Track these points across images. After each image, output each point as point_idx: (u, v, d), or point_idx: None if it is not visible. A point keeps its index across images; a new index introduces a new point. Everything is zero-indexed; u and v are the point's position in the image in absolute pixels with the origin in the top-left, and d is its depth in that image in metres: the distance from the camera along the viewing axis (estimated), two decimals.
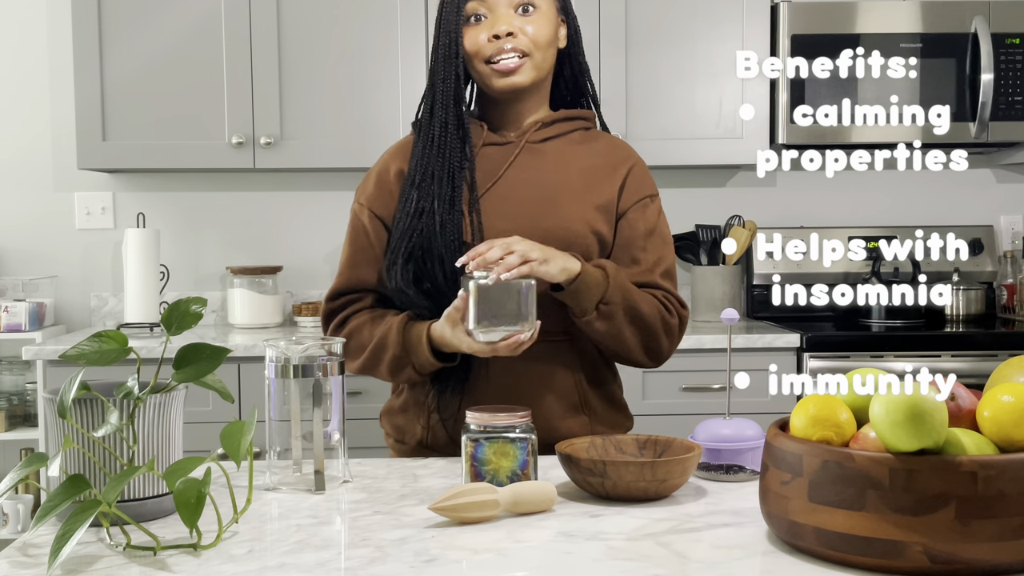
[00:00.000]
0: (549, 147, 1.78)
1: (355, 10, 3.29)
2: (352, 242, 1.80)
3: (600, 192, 1.76)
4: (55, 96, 3.61)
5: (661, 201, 1.82)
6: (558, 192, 1.74)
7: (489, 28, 1.71)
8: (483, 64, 1.72)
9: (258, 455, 1.28)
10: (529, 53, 1.72)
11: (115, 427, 1.22)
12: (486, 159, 1.76)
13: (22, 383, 3.44)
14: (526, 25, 1.72)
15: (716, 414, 1.57)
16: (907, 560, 1.05)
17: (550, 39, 1.75)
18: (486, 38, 1.71)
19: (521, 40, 1.71)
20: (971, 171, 3.74)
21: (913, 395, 1.06)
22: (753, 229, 3.55)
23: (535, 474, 1.41)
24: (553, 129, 1.79)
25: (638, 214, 1.77)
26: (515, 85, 1.73)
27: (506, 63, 1.71)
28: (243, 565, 1.14)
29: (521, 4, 1.72)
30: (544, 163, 1.76)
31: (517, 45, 1.71)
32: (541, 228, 1.69)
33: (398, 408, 1.82)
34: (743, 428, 1.51)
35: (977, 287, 3.49)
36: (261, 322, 3.49)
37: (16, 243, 3.65)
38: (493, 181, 1.74)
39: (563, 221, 1.71)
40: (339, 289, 1.78)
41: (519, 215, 1.71)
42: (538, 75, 1.75)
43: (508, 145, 1.77)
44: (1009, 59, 3.28)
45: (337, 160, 3.30)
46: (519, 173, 1.75)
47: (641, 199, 1.78)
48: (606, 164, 1.78)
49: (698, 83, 3.35)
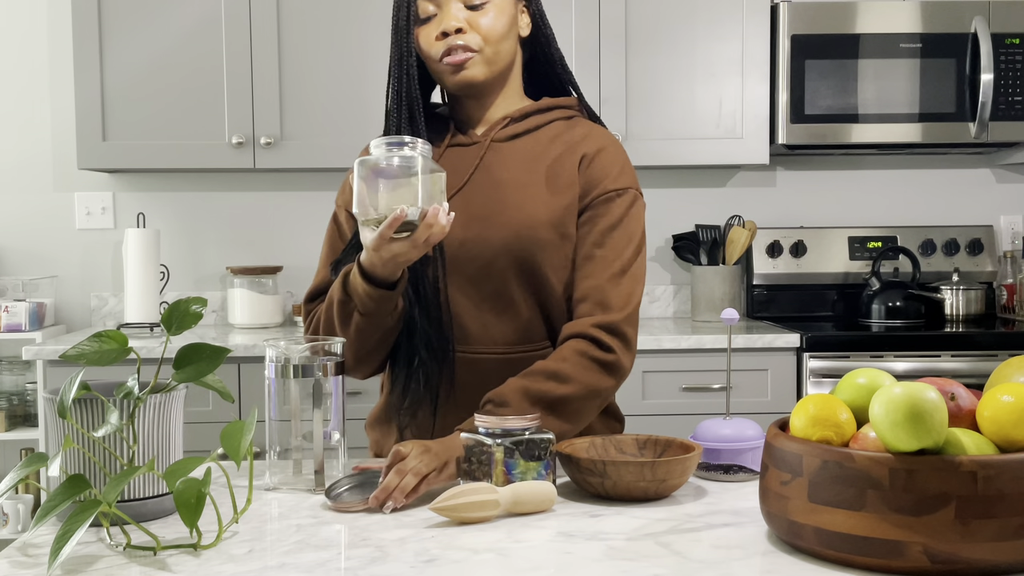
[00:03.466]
0: (518, 145, 1.70)
1: (355, 10, 3.29)
2: (328, 242, 1.76)
3: (569, 190, 1.67)
4: (55, 96, 3.61)
5: (642, 199, 1.71)
6: (525, 194, 1.66)
7: (438, 25, 1.66)
8: (437, 63, 1.67)
9: (258, 455, 1.28)
10: (479, 49, 1.66)
11: (115, 427, 1.22)
12: (453, 160, 1.70)
13: (22, 383, 3.45)
14: (478, 19, 1.66)
15: (716, 414, 1.57)
16: (907, 560, 1.05)
17: (503, 31, 1.67)
18: (435, 36, 1.66)
19: (470, 37, 1.65)
20: (971, 171, 3.75)
21: (913, 395, 1.06)
22: (753, 229, 3.55)
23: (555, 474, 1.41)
24: (525, 124, 1.72)
25: (600, 208, 1.66)
26: (467, 80, 1.67)
27: (455, 57, 1.65)
28: (243, 565, 1.14)
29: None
30: (512, 163, 1.69)
31: (466, 42, 1.65)
32: (506, 232, 1.64)
33: (375, 420, 1.79)
34: (743, 428, 1.51)
35: (977, 287, 3.49)
36: (261, 322, 3.49)
37: (16, 243, 3.65)
38: (460, 186, 1.68)
39: (527, 227, 1.64)
40: (314, 290, 1.73)
41: (483, 219, 1.65)
42: (492, 70, 1.68)
43: (474, 146, 1.71)
44: (1009, 59, 3.28)
45: (337, 160, 3.30)
46: (485, 175, 1.69)
47: (605, 192, 1.67)
48: (573, 155, 1.69)
49: (698, 83, 3.35)
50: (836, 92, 3.30)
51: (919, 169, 3.74)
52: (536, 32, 1.74)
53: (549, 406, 1.55)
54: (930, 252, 3.61)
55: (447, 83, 1.70)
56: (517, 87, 1.75)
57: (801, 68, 3.29)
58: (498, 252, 1.64)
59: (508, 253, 1.64)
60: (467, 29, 1.65)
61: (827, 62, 3.29)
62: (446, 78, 1.69)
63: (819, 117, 3.31)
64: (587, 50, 3.29)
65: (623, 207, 1.67)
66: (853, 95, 3.30)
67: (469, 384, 1.66)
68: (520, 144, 1.71)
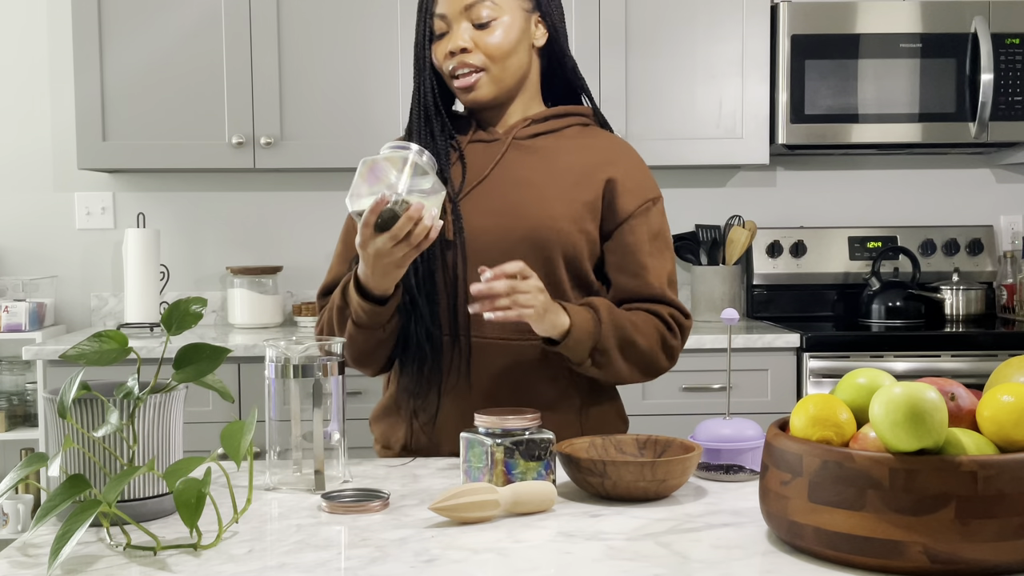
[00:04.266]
0: (539, 143, 1.76)
1: (355, 10, 3.29)
2: (343, 239, 1.80)
3: (589, 189, 1.73)
4: (55, 96, 3.61)
5: (664, 203, 1.80)
6: (545, 189, 1.71)
7: (447, 44, 1.71)
8: (451, 80, 1.74)
9: (258, 455, 1.29)
10: (485, 68, 1.71)
11: (115, 427, 1.22)
12: (474, 156, 1.76)
13: (22, 383, 3.44)
14: (485, 37, 1.70)
15: (716, 414, 1.57)
16: (907, 560, 1.05)
17: (511, 47, 1.71)
18: (445, 55, 1.72)
19: (475, 56, 1.70)
20: (971, 171, 3.75)
21: (913, 395, 1.06)
22: (753, 229, 3.55)
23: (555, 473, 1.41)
24: (545, 125, 1.77)
25: (641, 219, 1.73)
26: (476, 100, 1.73)
27: (463, 80, 1.71)
28: (243, 565, 1.14)
29: (477, 16, 1.70)
30: (532, 160, 1.74)
31: (471, 61, 1.70)
32: (526, 224, 1.68)
33: (382, 413, 1.81)
34: (743, 428, 1.51)
35: (977, 287, 3.49)
36: (261, 322, 3.49)
37: (16, 243, 3.65)
38: (480, 179, 1.73)
39: (548, 219, 1.69)
40: (326, 286, 1.79)
41: (504, 212, 1.70)
42: (500, 87, 1.73)
43: (495, 142, 1.76)
44: (1009, 59, 3.28)
45: (337, 160, 3.30)
46: (506, 171, 1.74)
47: (643, 203, 1.74)
48: (600, 162, 1.75)
49: (698, 83, 3.35)
50: (836, 92, 3.30)
51: (919, 169, 3.74)
52: (551, 44, 1.78)
53: (619, 337, 1.66)
54: (930, 252, 3.61)
55: (460, 100, 1.77)
56: (534, 93, 1.81)
57: (801, 68, 3.29)
58: (516, 243, 1.69)
59: (526, 243, 1.69)
60: (472, 48, 1.70)
61: (827, 62, 3.29)
62: (458, 95, 1.76)
63: (819, 117, 3.31)
64: (587, 51, 3.29)
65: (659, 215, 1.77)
66: (853, 95, 3.30)
67: (482, 369, 1.70)
68: (540, 143, 1.77)
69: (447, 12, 1.71)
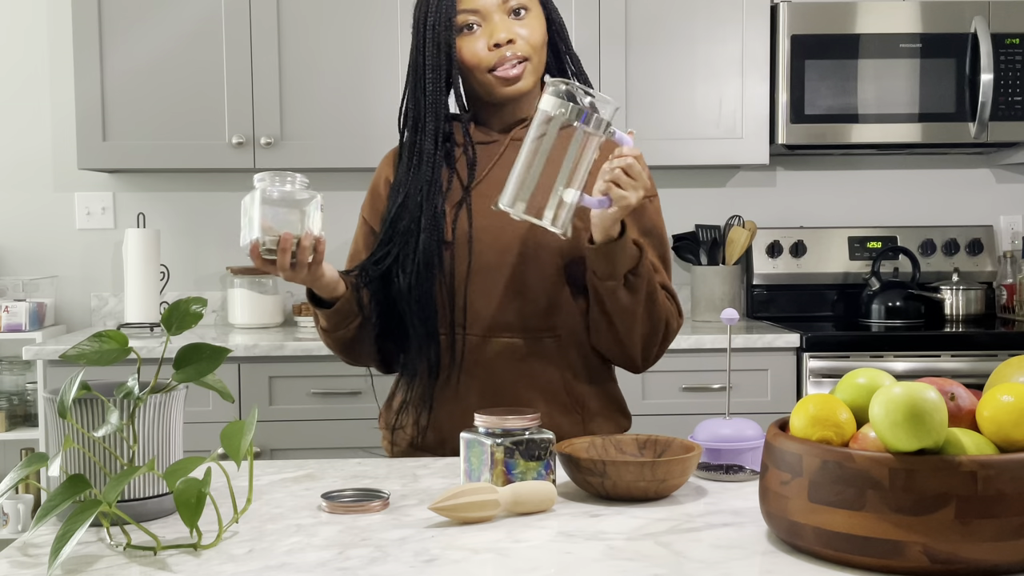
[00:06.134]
0: None
1: (355, 10, 3.29)
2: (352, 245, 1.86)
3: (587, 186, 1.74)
4: (55, 96, 3.62)
5: (660, 201, 1.80)
6: None
7: (487, 36, 1.70)
8: (486, 74, 1.71)
9: (258, 455, 1.28)
10: (528, 57, 1.71)
11: (115, 427, 1.23)
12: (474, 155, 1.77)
13: (22, 383, 3.45)
14: (521, 28, 1.71)
15: (716, 414, 1.57)
16: (907, 560, 1.05)
17: (543, 38, 1.74)
18: (485, 47, 1.70)
19: (520, 45, 1.70)
20: (971, 171, 3.75)
21: (913, 395, 1.06)
22: (753, 229, 3.55)
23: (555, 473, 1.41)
24: None
25: (633, 215, 1.73)
26: (520, 92, 1.73)
27: (509, 71, 1.70)
28: (243, 565, 1.14)
29: (513, 8, 1.70)
30: None
31: (518, 51, 1.70)
32: (524, 225, 1.68)
33: (391, 409, 1.83)
34: (743, 428, 1.51)
35: (977, 287, 3.49)
36: (261, 322, 3.49)
37: (16, 243, 3.65)
38: (479, 179, 1.74)
39: None
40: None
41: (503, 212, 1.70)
42: (536, 77, 1.74)
43: (493, 143, 1.77)
44: (1009, 59, 3.28)
45: (337, 160, 3.30)
46: (505, 171, 1.71)
47: None
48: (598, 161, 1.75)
49: (698, 83, 3.35)
50: (836, 92, 3.30)
51: (919, 169, 3.74)
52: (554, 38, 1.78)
53: (650, 282, 1.67)
54: (930, 252, 3.61)
55: (497, 93, 1.73)
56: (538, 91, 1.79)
57: (801, 68, 3.30)
58: (515, 242, 1.70)
59: (525, 242, 1.70)
60: (516, 39, 1.70)
61: (827, 62, 3.29)
62: (496, 89, 1.72)
63: (819, 117, 3.31)
64: (587, 50, 3.29)
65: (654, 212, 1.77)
66: (853, 95, 3.30)
67: (478, 367, 1.71)
68: None
69: (481, 6, 1.70)
